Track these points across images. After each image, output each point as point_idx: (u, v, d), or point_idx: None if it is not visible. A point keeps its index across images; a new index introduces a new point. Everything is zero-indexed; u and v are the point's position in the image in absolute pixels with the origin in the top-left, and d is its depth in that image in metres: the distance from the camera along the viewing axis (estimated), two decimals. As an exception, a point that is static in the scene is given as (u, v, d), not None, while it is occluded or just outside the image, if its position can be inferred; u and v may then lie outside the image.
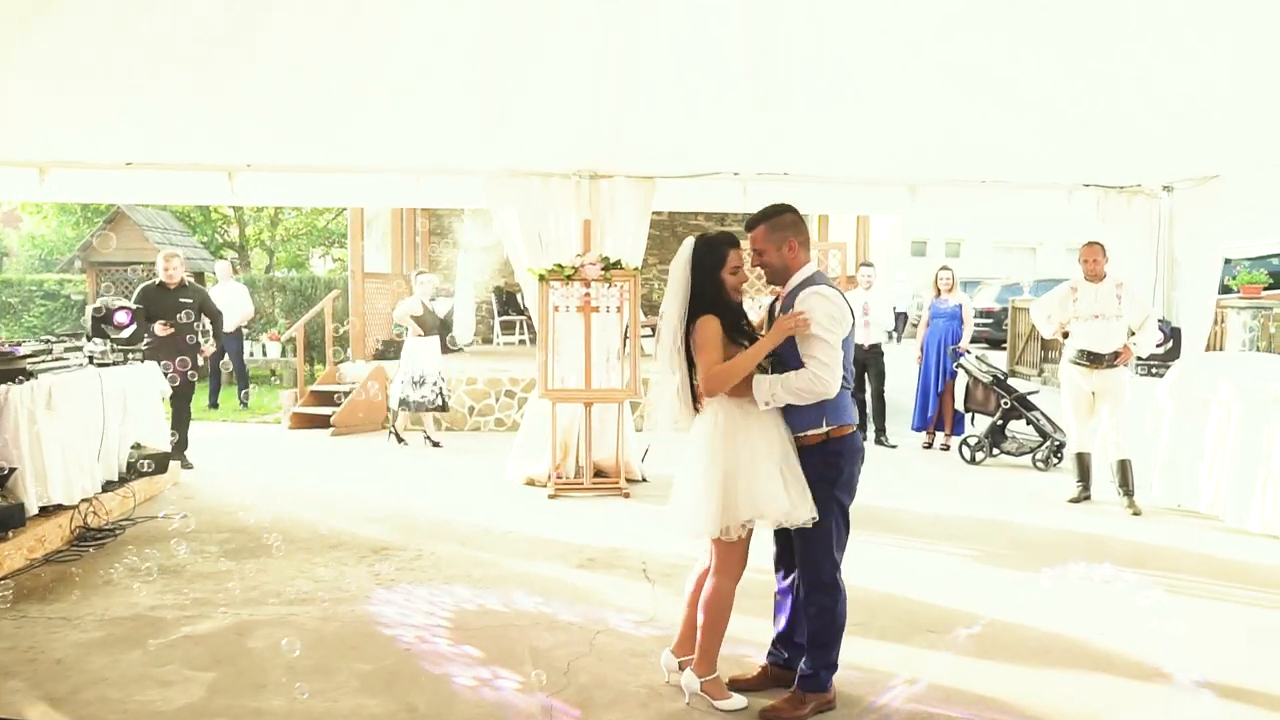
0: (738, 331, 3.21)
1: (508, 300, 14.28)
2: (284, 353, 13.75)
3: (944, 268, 9.45)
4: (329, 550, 5.36)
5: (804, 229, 3.26)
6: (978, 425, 8.75)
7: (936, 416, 9.14)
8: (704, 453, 3.21)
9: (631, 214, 7.17)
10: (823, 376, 3.05)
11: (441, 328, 9.16)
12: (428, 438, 9.17)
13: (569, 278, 6.80)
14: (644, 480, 7.26)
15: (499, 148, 6.55)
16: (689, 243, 3.28)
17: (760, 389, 3.10)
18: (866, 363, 9.14)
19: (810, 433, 3.18)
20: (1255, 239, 11.62)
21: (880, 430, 9.30)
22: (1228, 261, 10.22)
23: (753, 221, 3.25)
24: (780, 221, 3.21)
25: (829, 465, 3.19)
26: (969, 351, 8.96)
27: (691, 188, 7.46)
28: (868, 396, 9.27)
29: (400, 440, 9.13)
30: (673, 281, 3.26)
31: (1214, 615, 4.49)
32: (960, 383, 8.82)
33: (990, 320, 19.31)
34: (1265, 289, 10.53)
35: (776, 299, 3.32)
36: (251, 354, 14.10)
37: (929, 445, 9.18)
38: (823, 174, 7.44)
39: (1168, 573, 5.07)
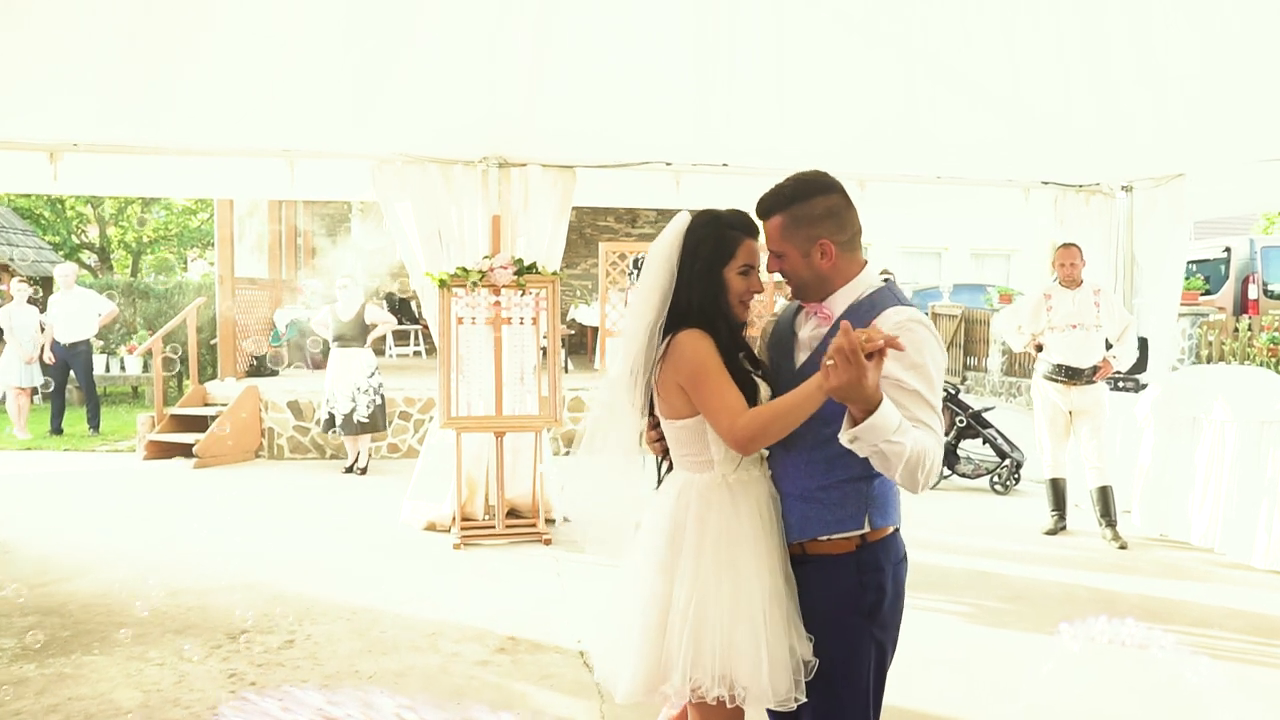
0: (734, 361, 2.15)
1: (401, 307, 13.01)
2: (146, 367, 12.15)
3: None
4: (172, 636, 4.16)
5: (849, 220, 2.15)
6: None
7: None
8: (660, 557, 2.16)
9: (548, 209, 6.13)
10: (940, 456, 2.03)
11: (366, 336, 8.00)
12: (351, 467, 8.07)
13: (475, 283, 5.72)
14: (566, 520, 6.23)
15: (387, 128, 5.42)
16: (681, 219, 2.23)
17: (891, 435, 1.89)
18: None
19: (839, 536, 2.10)
20: (1195, 241, 11.34)
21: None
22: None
23: (766, 206, 2.13)
24: (808, 210, 2.07)
25: (865, 587, 2.10)
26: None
27: (617, 179, 6.47)
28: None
29: (355, 470, 8.09)
30: (649, 273, 2.21)
31: None
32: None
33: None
34: (1202, 295, 10.18)
35: (798, 311, 2.25)
36: (108, 369, 12.46)
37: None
38: (766, 166, 6.54)
39: (1202, 630, 4.34)
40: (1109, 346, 5.89)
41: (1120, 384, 6.60)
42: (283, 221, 12.26)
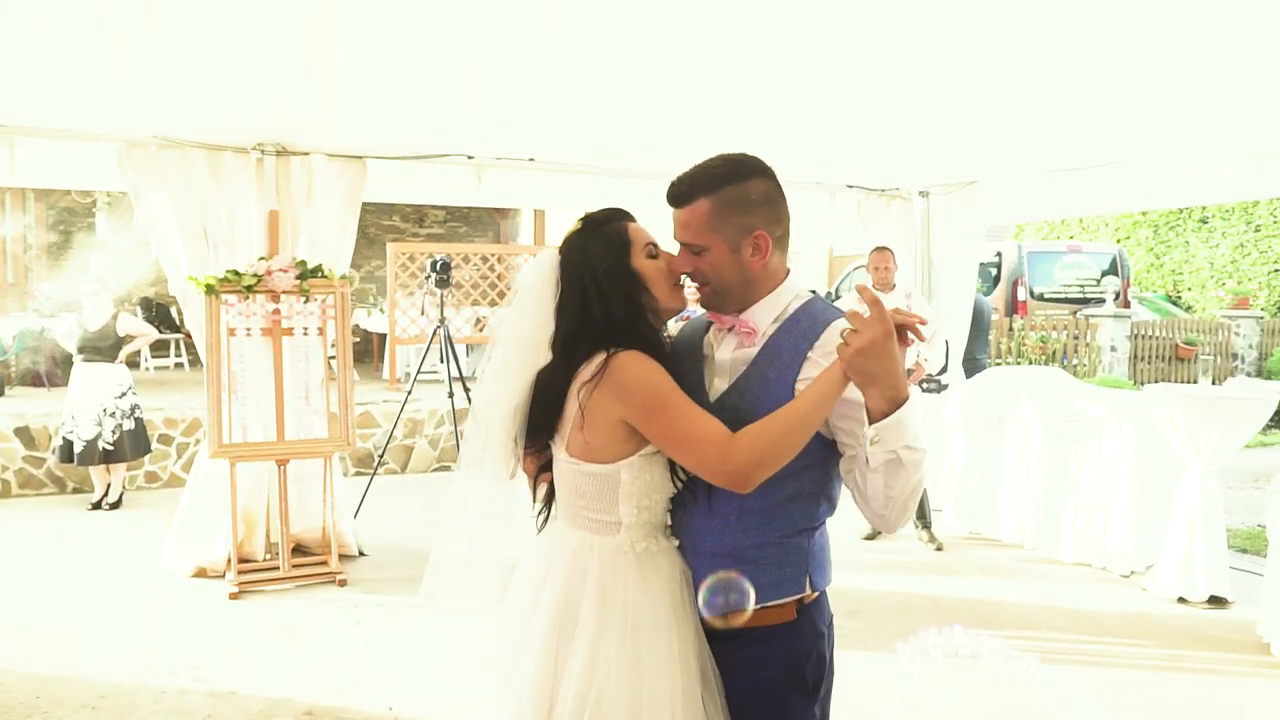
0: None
1: (160, 314, 11.57)
2: None
3: None
4: None
5: (784, 212, 1.77)
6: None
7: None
8: (544, 642, 1.72)
9: (335, 204, 5.41)
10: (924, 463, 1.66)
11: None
12: (99, 502, 6.89)
13: (250, 289, 4.94)
14: (363, 555, 5.53)
15: (139, 104, 4.53)
16: (548, 253, 1.83)
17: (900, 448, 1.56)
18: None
19: (776, 603, 1.71)
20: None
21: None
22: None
23: (688, 187, 1.71)
24: (744, 194, 1.69)
25: (807, 659, 1.74)
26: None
27: (413, 173, 5.83)
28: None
29: (104, 506, 6.90)
30: (524, 315, 1.78)
31: (1129, 688, 3.74)
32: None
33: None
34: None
35: (707, 329, 1.85)
36: None
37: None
38: (577, 162, 6.15)
39: (1034, 632, 4.34)
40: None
41: (925, 386, 6.71)
42: (6, 215, 10.55)
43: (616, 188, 6.46)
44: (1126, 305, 11.94)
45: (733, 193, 1.69)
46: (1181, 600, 4.76)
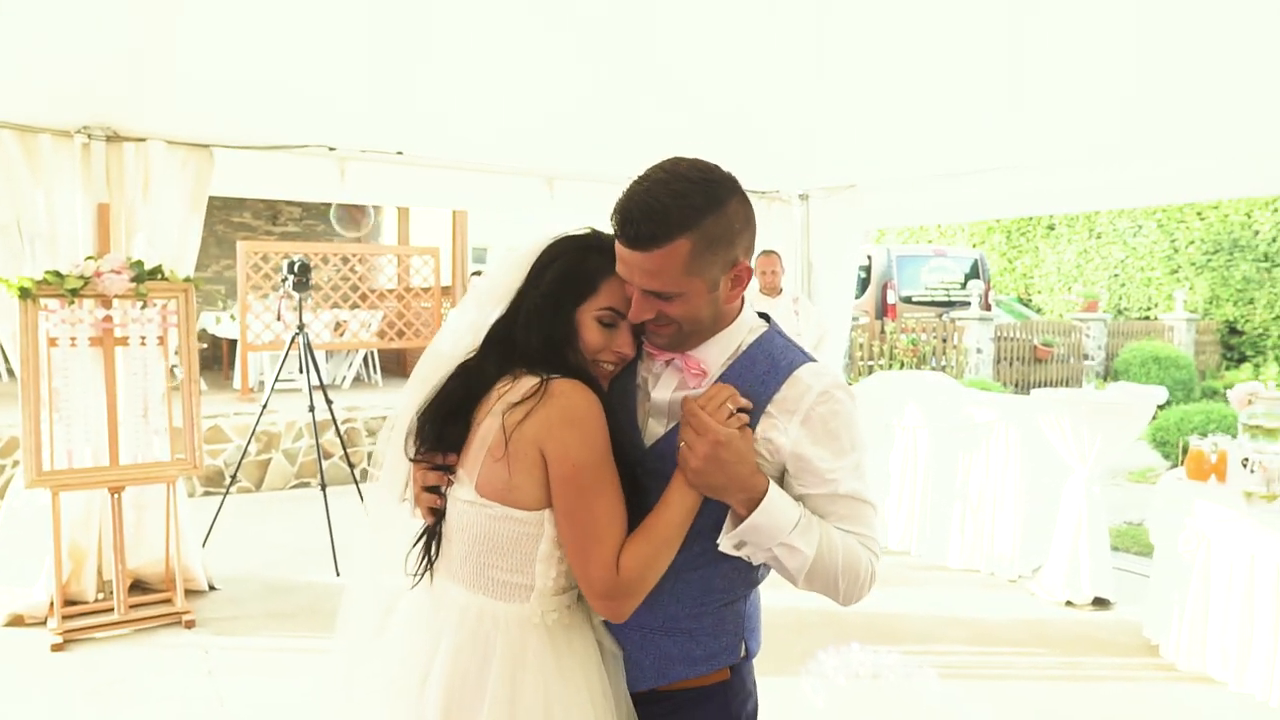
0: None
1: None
2: None
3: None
4: None
5: (754, 224, 1.48)
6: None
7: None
8: None
9: (178, 198, 4.82)
10: (874, 571, 1.43)
11: None
12: None
13: (75, 293, 4.32)
14: (212, 589, 4.96)
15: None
16: (535, 243, 1.54)
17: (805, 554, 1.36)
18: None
19: (711, 669, 1.50)
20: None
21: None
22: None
23: (661, 225, 1.35)
24: (726, 223, 1.39)
25: (740, 714, 1.55)
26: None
27: (267, 164, 5.28)
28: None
29: None
30: (482, 290, 1.54)
31: (1031, 700, 3.66)
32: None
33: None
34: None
35: (637, 361, 1.55)
36: None
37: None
38: (449, 158, 5.75)
39: (933, 645, 4.24)
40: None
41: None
42: None
43: (489, 184, 6.11)
44: (988, 308, 12.38)
45: (714, 225, 1.38)
46: (1069, 604, 4.79)
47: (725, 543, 1.37)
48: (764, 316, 1.56)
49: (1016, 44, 3.78)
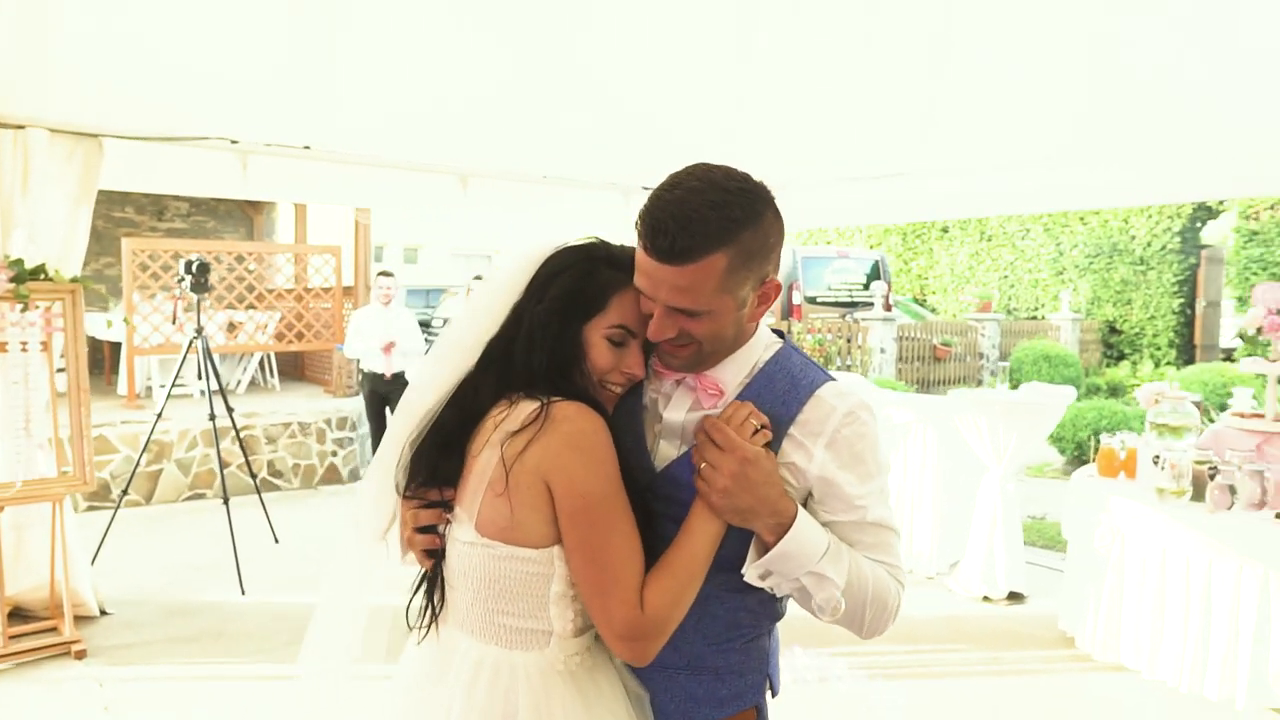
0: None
1: None
2: None
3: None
4: None
5: (784, 237, 1.37)
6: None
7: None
8: None
9: (62, 191, 4.47)
10: (900, 602, 1.35)
11: None
12: None
13: (-54, 295, 3.95)
14: (104, 614, 4.60)
15: None
16: (537, 249, 1.40)
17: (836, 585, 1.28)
18: (390, 396, 7.42)
19: (738, 709, 1.41)
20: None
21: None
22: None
23: (689, 242, 1.24)
24: (762, 237, 1.30)
25: None
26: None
27: (162, 156, 4.95)
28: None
29: None
30: (476, 308, 1.39)
31: (959, 697, 3.70)
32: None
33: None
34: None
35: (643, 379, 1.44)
36: None
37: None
38: (359, 153, 5.51)
39: (856, 646, 4.25)
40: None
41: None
42: None
43: (401, 181, 5.89)
44: (889, 309, 12.68)
45: (751, 240, 1.28)
46: (986, 599, 4.89)
47: (751, 573, 1.28)
48: (777, 332, 1.47)
49: (927, 57, 3.86)
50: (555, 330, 1.33)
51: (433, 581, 1.38)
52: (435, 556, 1.36)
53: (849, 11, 3.39)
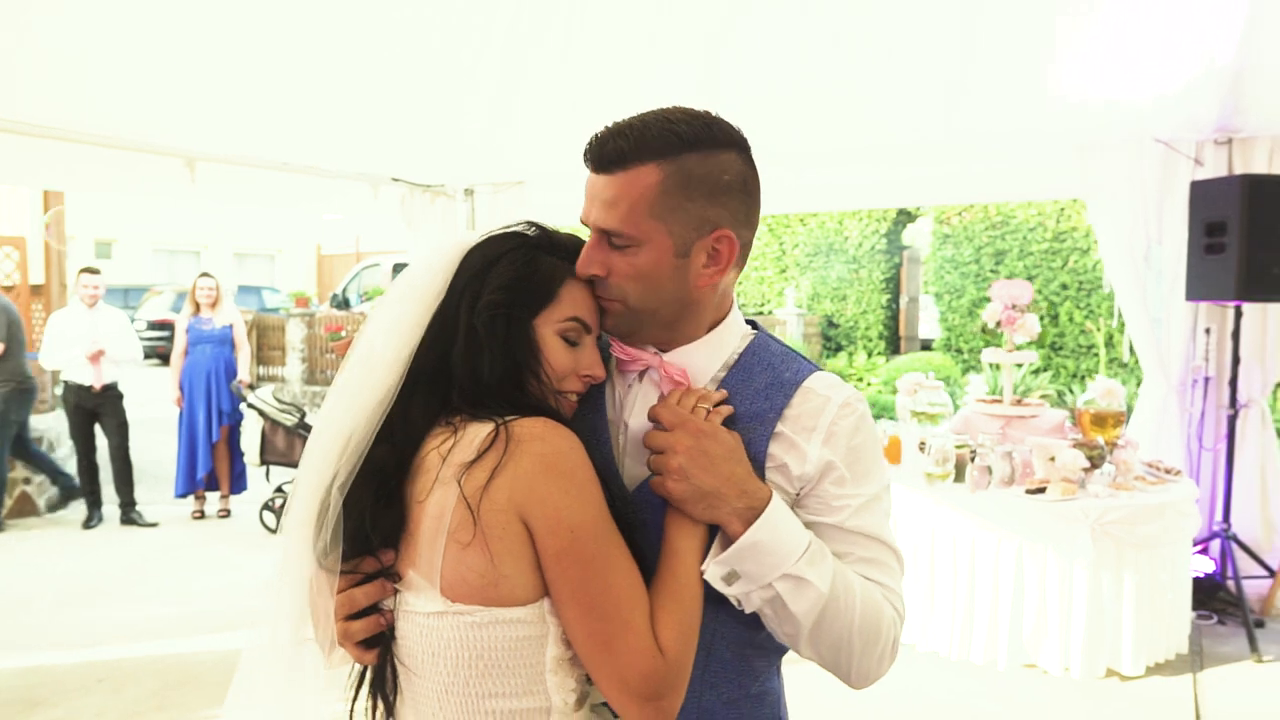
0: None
1: None
2: None
3: (204, 274, 7.12)
4: None
5: (757, 209, 1.17)
6: (275, 480, 6.71)
7: (209, 476, 6.85)
8: None
9: None
10: (900, 632, 1.15)
11: None
12: None
13: None
14: None
15: None
16: (453, 244, 1.13)
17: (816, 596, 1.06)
18: (100, 411, 6.52)
19: None
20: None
21: (128, 504, 6.64)
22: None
23: (620, 145, 1.08)
24: (713, 168, 1.11)
25: None
26: (254, 385, 6.93)
27: None
28: (103, 459, 6.60)
29: None
30: (384, 323, 1.09)
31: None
32: (250, 427, 6.69)
33: (167, 333, 17.12)
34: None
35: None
36: None
37: (201, 515, 6.88)
38: (51, 124, 4.67)
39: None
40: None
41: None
42: None
43: (110, 161, 5.07)
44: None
45: (697, 164, 1.09)
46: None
47: (713, 571, 1.05)
48: (750, 322, 1.26)
49: (699, 51, 3.90)
50: (502, 330, 1.07)
51: (380, 674, 1.07)
52: (379, 643, 1.04)
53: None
